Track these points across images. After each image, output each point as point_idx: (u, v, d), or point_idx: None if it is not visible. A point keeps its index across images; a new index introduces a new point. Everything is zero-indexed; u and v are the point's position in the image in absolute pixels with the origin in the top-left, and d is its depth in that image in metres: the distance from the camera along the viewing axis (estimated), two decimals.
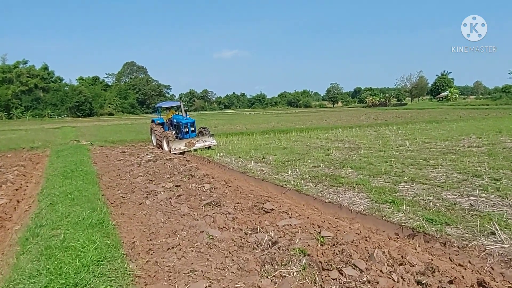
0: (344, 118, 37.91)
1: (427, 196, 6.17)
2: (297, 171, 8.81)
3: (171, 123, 16.57)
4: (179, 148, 14.14)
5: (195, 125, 15.70)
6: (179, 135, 15.66)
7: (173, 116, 16.57)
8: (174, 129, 16.27)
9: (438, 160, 9.51)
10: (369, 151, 11.91)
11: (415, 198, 6.10)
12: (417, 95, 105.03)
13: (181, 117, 15.79)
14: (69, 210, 5.36)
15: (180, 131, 15.52)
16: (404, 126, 22.84)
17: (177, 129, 16.03)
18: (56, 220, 4.91)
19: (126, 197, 6.91)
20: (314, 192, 6.90)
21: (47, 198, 6.42)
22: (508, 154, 9.89)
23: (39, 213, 5.63)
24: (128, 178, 8.57)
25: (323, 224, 4.91)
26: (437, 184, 7.00)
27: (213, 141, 15.16)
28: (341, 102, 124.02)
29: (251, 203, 5.98)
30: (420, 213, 5.29)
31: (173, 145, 14.04)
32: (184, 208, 5.65)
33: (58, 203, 5.87)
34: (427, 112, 46.19)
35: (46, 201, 6.24)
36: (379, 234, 5.01)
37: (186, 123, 15.26)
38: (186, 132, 15.20)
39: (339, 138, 16.99)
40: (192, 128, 15.39)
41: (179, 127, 15.56)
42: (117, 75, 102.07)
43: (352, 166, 9.23)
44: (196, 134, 15.55)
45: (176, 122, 16.00)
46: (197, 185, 7.15)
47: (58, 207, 5.62)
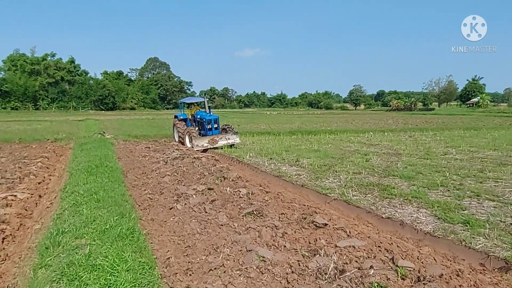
0: (371, 121, 36.52)
1: (505, 217, 5.23)
2: (340, 178, 7.97)
3: (194, 119, 16.00)
4: (201, 145, 13.64)
5: (218, 122, 15.12)
6: (202, 132, 15.06)
7: (196, 112, 15.99)
8: (197, 126, 15.69)
9: (497, 173, 8.49)
10: (412, 159, 10.93)
11: (491, 219, 5.17)
12: (445, 100, 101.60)
13: (204, 114, 15.21)
14: (95, 214, 4.72)
15: (203, 127, 14.98)
16: (441, 133, 21.51)
17: (200, 125, 15.44)
18: (80, 225, 4.27)
19: (154, 198, 6.24)
20: (366, 204, 6.04)
21: (71, 197, 5.82)
22: None
23: (61, 214, 5.02)
24: (155, 176, 7.93)
25: (391, 247, 4.07)
26: (509, 202, 6.04)
27: (236, 139, 14.56)
28: (363, 104, 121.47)
29: (297, 214, 5.19)
30: (508, 239, 4.38)
31: (196, 142, 13.55)
32: (222, 217, 4.91)
33: (82, 204, 5.25)
34: (459, 118, 44.02)
35: (70, 200, 5.64)
36: (457, 262, 4.13)
37: (210, 119, 14.72)
38: (209, 129, 14.68)
39: (372, 142, 15.99)
40: (215, 125, 14.84)
41: (203, 123, 15.03)
42: (140, 70, 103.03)
43: (399, 175, 8.33)
44: (219, 131, 14.95)
45: (199, 119, 15.43)
46: (232, 189, 6.42)
47: (82, 209, 4.99)
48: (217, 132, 14.75)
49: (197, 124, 15.73)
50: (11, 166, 9.66)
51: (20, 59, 73.45)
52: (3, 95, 66.97)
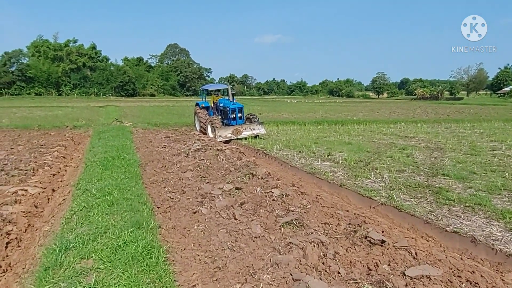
0: (398, 111, 34.84)
1: None
2: (383, 177, 7.05)
3: (217, 107, 15.05)
4: (225, 135, 12.74)
5: (243, 111, 14.13)
6: (225, 121, 14.06)
7: (219, 101, 14.98)
8: (219, 114, 14.70)
9: None
10: (457, 154, 9.84)
11: None
12: (474, 89, 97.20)
13: (228, 102, 14.17)
14: (107, 223, 4.01)
15: (227, 116, 13.97)
16: (479, 124, 19.99)
17: (223, 114, 14.42)
18: (89, 238, 3.57)
19: (175, 198, 5.52)
20: (422, 212, 5.13)
21: (82, 197, 5.14)
22: None
23: (70, 219, 4.35)
24: (175, 171, 7.21)
25: (474, 277, 3.19)
26: None
27: (261, 129, 13.56)
28: (386, 93, 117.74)
29: (343, 224, 4.35)
30: None
31: (219, 132, 12.64)
32: (256, 227, 4.13)
33: (94, 208, 4.57)
34: (491, 109, 41.61)
35: (80, 201, 4.96)
36: None
37: (234, 108, 13.71)
38: (233, 119, 13.68)
39: (407, 134, 14.83)
40: (239, 114, 13.82)
41: (226, 112, 14.01)
42: (160, 56, 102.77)
43: (450, 174, 7.33)
44: (243, 121, 14.04)
45: (222, 107, 14.43)
46: (263, 190, 5.62)
47: (93, 215, 4.31)
48: (241, 122, 13.81)
49: (220, 113, 14.73)
50: (27, 156, 9.17)
51: (43, 45, 74.30)
52: (27, 81, 68.12)
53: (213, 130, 13.27)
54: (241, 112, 13.92)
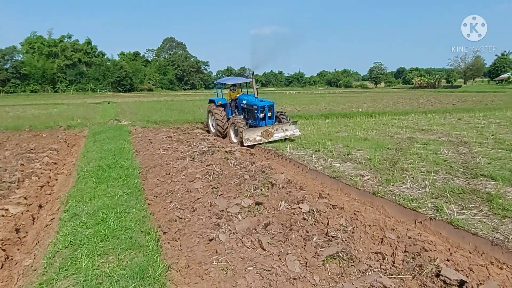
0: (401, 101, 33.92)
1: None
2: (419, 181, 6.15)
3: (236, 105, 12.81)
4: (253, 138, 10.49)
5: (273, 109, 11.56)
6: (249, 122, 11.77)
7: (240, 97, 12.58)
8: (240, 113, 12.39)
9: None
10: (486, 149, 8.96)
11: None
12: (471, 76, 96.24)
13: (253, 98, 11.75)
14: (99, 272, 3.03)
15: (252, 116, 11.64)
16: (492, 113, 19.10)
17: (248, 113, 12.08)
18: None
19: (185, 218, 4.61)
20: (484, 229, 4.24)
21: (69, 225, 4.17)
22: None
23: (51, 263, 3.40)
24: (181, 180, 6.29)
25: None
26: None
27: (295, 130, 11.24)
28: (383, 82, 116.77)
29: (400, 254, 3.46)
30: None
31: (246, 135, 10.33)
32: (293, 263, 3.24)
33: (83, 245, 3.59)
34: (493, 96, 40.74)
35: (67, 231, 3.98)
36: None
37: (263, 106, 11.18)
38: (262, 119, 11.20)
39: (421, 126, 13.92)
40: (269, 114, 11.34)
41: (252, 111, 11.60)
42: (156, 50, 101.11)
43: (491, 175, 6.46)
44: (274, 121, 11.56)
45: (246, 105, 11.93)
46: (288, 204, 4.71)
47: (81, 256, 3.32)
48: (270, 122, 11.34)
49: (243, 111, 12.38)
50: (13, 163, 8.24)
51: (37, 42, 72.82)
52: (22, 78, 66.72)
53: (236, 133, 11.17)
54: (271, 111, 11.46)
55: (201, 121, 16.66)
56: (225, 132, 12.31)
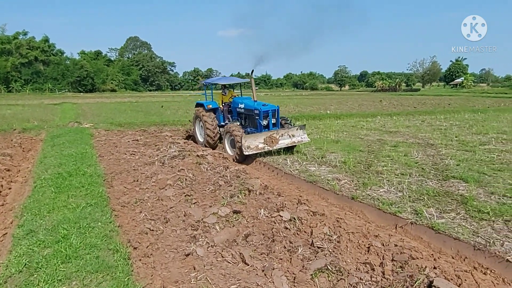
0: (365, 103, 34.97)
1: None
2: (396, 184, 6.14)
3: (229, 109, 11.07)
4: (255, 146, 8.74)
5: (278, 115, 9.66)
6: (248, 129, 9.95)
7: (235, 100, 10.78)
8: (235, 120, 10.64)
9: None
10: (452, 151, 9.23)
11: None
12: (429, 80, 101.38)
13: (251, 102, 9.91)
14: None
15: (253, 123, 9.98)
16: (451, 116, 19.98)
17: (246, 120, 10.37)
18: None
19: (157, 230, 4.24)
20: (465, 233, 4.23)
21: (24, 244, 3.59)
22: None
23: None
24: (151, 187, 5.88)
25: None
26: None
27: (304, 136, 9.58)
28: (348, 85, 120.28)
29: (389, 263, 3.32)
30: None
31: (247, 142, 8.60)
32: (280, 280, 2.99)
33: (40, 268, 3.03)
34: (449, 99, 43.06)
35: (21, 251, 3.41)
36: None
37: (267, 111, 9.36)
38: (265, 127, 9.46)
39: (388, 128, 14.25)
40: (273, 120, 9.51)
41: (251, 117, 9.94)
42: (120, 50, 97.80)
43: (461, 177, 6.61)
44: (279, 128, 9.65)
45: (244, 110, 10.16)
46: (268, 213, 4.48)
47: (38, 283, 2.86)
48: (274, 129, 9.48)
49: (237, 117, 10.67)
50: None
51: None
52: None
53: (233, 144, 9.40)
54: (275, 117, 9.58)
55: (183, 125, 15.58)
56: (216, 142, 10.78)
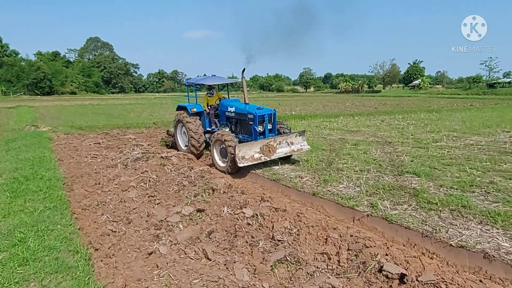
0: (329, 104, 36.09)
1: None
2: (355, 180, 6.44)
3: (216, 113, 9.95)
4: (251, 156, 7.49)
5: (275, 119, 8.48)
6: (240, 137, 8.77)
7: (223, 103, 9.57)
8: (223, 125, 9.52)
9: (509, 164, 7.54)
10: (407, 148, 9.78)
11: None
12: (389, 82, 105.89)
13: (243, 104, 8.89)
14: None
15: (246, 129, 8.74)
16: (408, 115, 21.02)
17: (238, 125, 9.13)
18: None
19: (120, 231, 4.22)
20: (414, 222, 4.55)
21: None
22: None
23: None
24: (114, 190, 5.81)
25: None
26: None
27: (303, 143, 8.51)
28: (313, 87, 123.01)
29: (344, 252, 3.53)
30: None
31: (241, 151, 7.36)
32: (241, 272, 3.11)
33: None
34: (407, 100, 45.41)
35: None
36: None
37: (262, 116, 8.19)
38: (261, 133, 8.26)
39: (350, 128, 14.80)
40: (270, 126, 8.37)
41: (244, 122, 8.74)
42: (79, 51, 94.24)
43: (415, 172, 7.03)
44: (275, 134, 8.45)
45: (234, 114, 8.98)
46: (231, 210, 4.59)
47: None
48: (271, 135, 8.24)
49: (226, 122, 9.49)
50: None
51: None
52: None
53: (224, 154, 8.06)
54: (271, 122, 8.40)
55: (147, 127, 15.19)
56: (202, 150, 9.64)
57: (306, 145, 8.57)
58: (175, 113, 10.43)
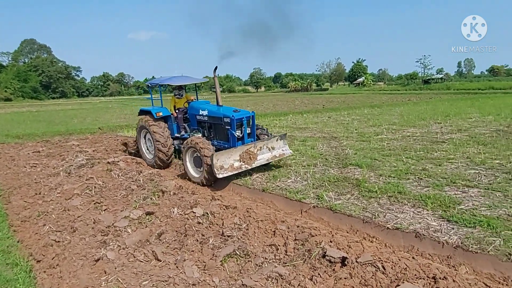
0: (280, 103, 36.93)
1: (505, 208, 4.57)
2: (302, 175, 6.71)
3: (185, 117, 9.03)
4: (230, 165, 6.64)
5: (253, 123, 7.79)
6: (215, 143, 7.93)
7: (194, 105, 8.67)
8: (195, 130, 8.60)
9: (441, 152, 8.27)
10: (351, 142, 10.35)
11: (495, 212, 4.47)
12: (335, 80, 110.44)
13: (214, 107, 8.15)
14: None
15: (221, 135, 7.94)
16: (353, 111, 22.13)
17: (212, 131, 8.29)
18: None
19: (64, 241, 4.06)
20: (355, 210, 4.88)
21: None
22: (493, 139, 9.31)
23: None
24: (56, 198, 5.54)
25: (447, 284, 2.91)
26: (490, 187, 5.49)
27: (285, 148, 7.83)
28: (263, 87, 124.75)
29: (291, 242, 3.71)
30: None
31: (219, 161, 6.44)
32: (191, 269, 3.15)
33: None
34: (352, 97, 47.63)
35: None
36: (511, 285, 3.21)
37: (240, 119, 7.44)
38: (240, 139, 7.51)
39: (299, 125, 15.31)
40: (248, 130, 7.65)
41: (219, 127, 7.92)
42: (13, 54, 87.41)
43: (357, 163, 7.48)
44: (255, 139, 7.74)
45: (207, 117, 8.14)
46: (182, 210, 4.60)
47: None
48: (249, 141, 7.55)
49: (197, 127, 8.58)
50: None
51: None
52: None
53: (198, 163, 7.16)
54: (250, 126, 7.72)
55: (92, 133, 14.44)
56: (170, 158, 8.65)
57: (288, 150, 7.86)
58: (138, 118, 9.46)
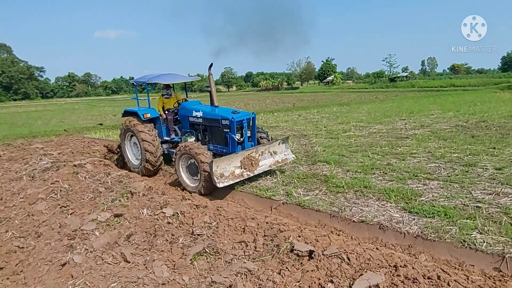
0: (251, 102, 37.12)
1: (461, 199, 4.88)
2: (277, 174, 6.82)
3: (176, 119, 8.37)
4: (231, 173, 6.01)
5: (254, 125, 7.16)
6: (212, 148, 7.25)
7: (186, 106, 8.00)
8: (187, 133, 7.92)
9: (404, 147, 8.66)
10: (321, 139, 10.61)
11: (452, 202, 4.77)
12: (306, 79, 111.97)
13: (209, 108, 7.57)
14: None
15: (219, 139, 7.23)
16: (322, 109, 22.60)
17: (207, 134, 7.60)
18: None
19: (28, 246, 3.94)
20: (323, 205, 5.03)
21: None
22: (452, 134, 9.93)
23: None
24: (19, 204, 5.34)
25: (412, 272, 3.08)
26: (448, 179, 5.84)
27: (287, 152, 7.27)
28: (235, 86, 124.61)
29: (261, 238, 3.79)
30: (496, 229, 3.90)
31: (218, 168, 5.83)
32: (160, 268, 3.16)
33: None
34: (322, 95, 48.58)
35: None
36: (468, 270, 3.45)
37: (240, 121, 6.78)
38: (239, 143, 6.81)
39: (270, 124, 15.47)
40: (249, 133, 7.06)
41: (216, 130, 7.25)
42: None
43: (326, 160, 7.70)
44: (255, 143, 7.17)
45: (202, 119, 7.45)
46: (151, 211, 4.57)
47: None
48: (250, 145, 6.95)
49: (191, 129, 7.87)
50: None
51: None
52: None
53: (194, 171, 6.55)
54: (251, 128, 7.14)
55: (57, 135, 13.80)
56: (160, 164, 7.96)
57: (290, 154, 7.30)
58: (122, 120, 8.66)
